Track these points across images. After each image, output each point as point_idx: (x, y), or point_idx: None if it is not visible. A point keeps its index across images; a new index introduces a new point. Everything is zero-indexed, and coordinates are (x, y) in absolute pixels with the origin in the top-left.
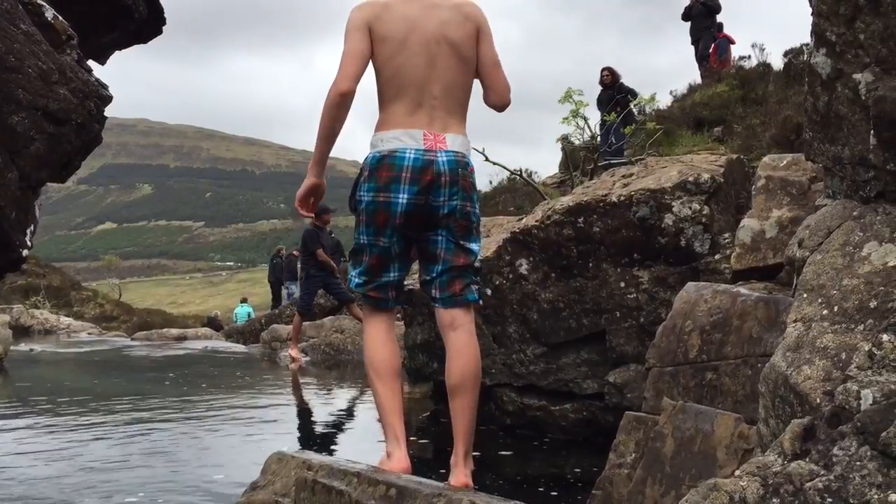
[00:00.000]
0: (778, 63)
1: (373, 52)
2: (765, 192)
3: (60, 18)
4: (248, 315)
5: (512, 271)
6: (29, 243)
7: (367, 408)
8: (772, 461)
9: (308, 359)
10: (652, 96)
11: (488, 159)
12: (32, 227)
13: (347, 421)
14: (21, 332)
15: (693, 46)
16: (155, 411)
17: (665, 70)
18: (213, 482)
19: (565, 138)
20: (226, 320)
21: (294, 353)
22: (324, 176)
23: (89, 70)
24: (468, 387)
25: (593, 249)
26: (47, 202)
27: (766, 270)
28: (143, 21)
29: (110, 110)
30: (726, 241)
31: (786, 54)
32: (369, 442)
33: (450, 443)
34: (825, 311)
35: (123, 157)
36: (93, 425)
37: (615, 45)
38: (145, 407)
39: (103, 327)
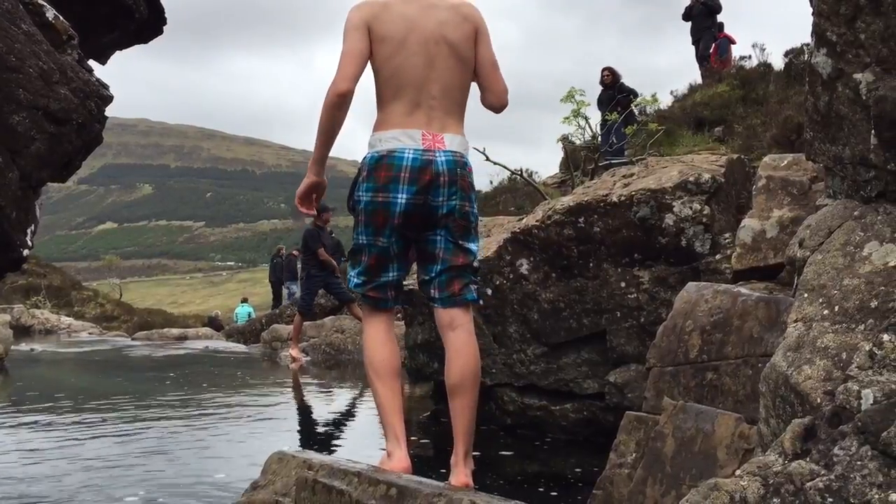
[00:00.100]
0: (779, 63)
1: (371, 52)
2: (765, 192)
3: (61, 18)
4: (249, 315)
5: (512, 271)
6: (29, 243)
7: (367, 407)
8: (772, 461)
9: (309, 358)
10: (654, 97)
11: (489, 159)
12: (33, 226)
13: (348, 421)
14: (22, 331)
15: (694, 46)
16: (155, 411)
17: (665, 70)
18: (214, 481)
19: (566, 138)
20: (226, 320)
21: (295, 352)
22: (324, 175)
23: (90, 70)
24: (468, 387)
25: (594, 249)
26: (48, 202)
27: (767, 270)
28: (144, 21)
29: (111, 110)
30: (727, 241)
31: (786, 54)
32: (370, 442)
33: (450, 442)
34: (826, 311)
35: (124, 157)
36: (93, 424)
37: (615, 45)
38: (146, 406)
39: (104, 327)
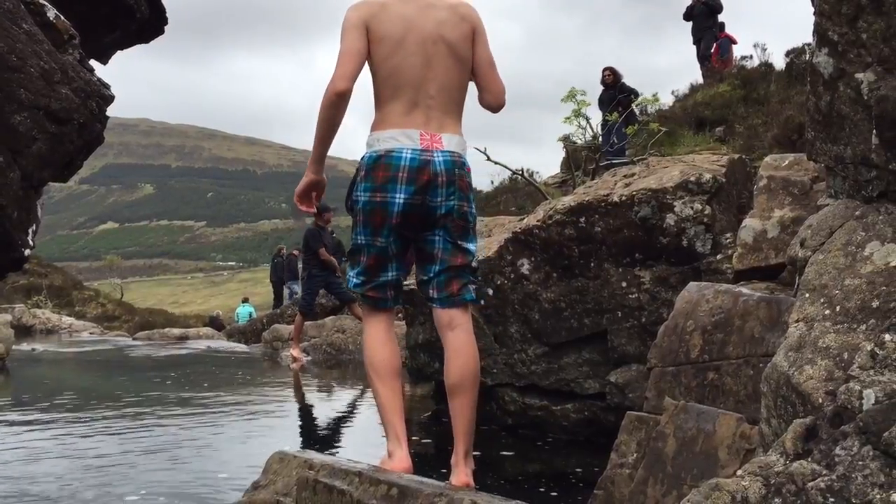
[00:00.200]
0: (780, 63)
1: (369, 52)
2: (767, 192)
3: (62, 18)
4: (250, 315)
5: (513, 271)
6: (31, 243)
7: (368, 407)
8: (774, 461)
9: (309, 358)
10: (655, 96)
11: (490, 159)
12: (34, 226)
13: (349, 420)
14: (23, 331)
15: (695, 46)
16: (156, 410)
17: (666, 70)
18: (215, 481)
19: (567, 138)
20: (227, 320)
21: (296, 352)
22: (323, 173)
23: (91, 70)
24: (467, 386)
25: (595, 249)
26: (49, 202)
27: (768, 270)
28: (145, 21)
29: (112, 110)
30: (728, 241)
31: (788, 54)
32: (371, 441)
33: (451, 442)
34: (827, 311)
35: (125, 157)
36: (94, 424)
37: (616, 45)
38: (147, 406)
39: (105, 327)
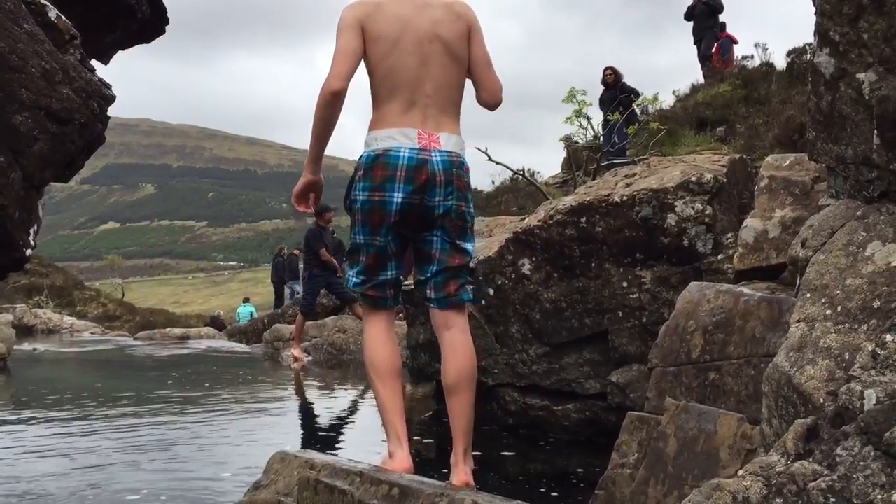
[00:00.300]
0: (781, 63)
1: (366, 52)
2: (768, 192)
3: (63, 18)
4: (251, 315)
5: (514, 271)
6: (32, 243)
7: (369, 407)
8: (775, 461)
9: (311, 358)
10: (655, 96)
11: (491, 159)
12: (36, 226)
13: (350, 420)
14: (24, 331)
15: (695, 46)
16: (158, 410)
17: (667, 70)
18: (216, 481)
19: (568, 138)
20: (228, 320)
21: (297, 352)
22: (320, 173)
23: (92, 70)
24: (464, 385)
25: (596, 249)
26: (50, 202)
27: (769, 270)
28: (146, 21)
29: (113, 110)
30: (729, 241)
31: (789, 54)
32: (372, 441)
33: (452, 442)
34: (828, 311)
35: (126, 157)
36: (95, 424)
37: (616, 44)
38: (148, 406)
39: (106, 327)
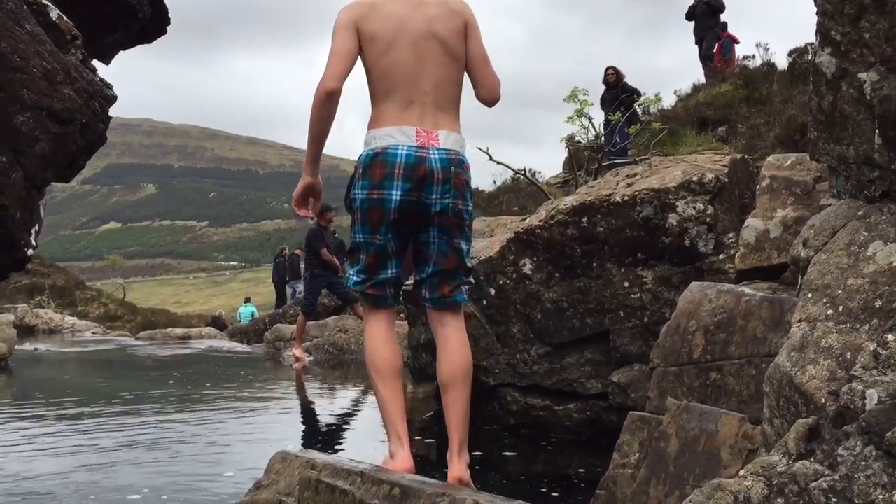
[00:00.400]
0: (782, 62)
1: (362, 52)
2: (769, 192)
3: (65, 18)
4: (252, 315)
5: (516, 271)
6: (34, 243)
7: (370, 407)
8: (776, 461)
9: (312, 358)
10: (657, 96)
11: (492, 158)
12: (37, 226)
13: (351, 420)
14: (25, 331)
15: (697, 46)
16: (159, 410)
17: (668, 69)
18: (217, 481)
19: (570, 138)
20: (230, 320)
21: (298, 352)
22: (318, 175)
23: (94, 70)
24: (458, 383)
25: (597, 249)
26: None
27: (771, 270)
28: (147, 21)
29: (114, 110)
30: (730, 240)
31: (790, 53)
32: (373, 441)
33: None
34: (830, 311)
35: (128, 157)
36: (97, 423)
37: (618, 44)
38: (149, 405)
39: (107, 327)
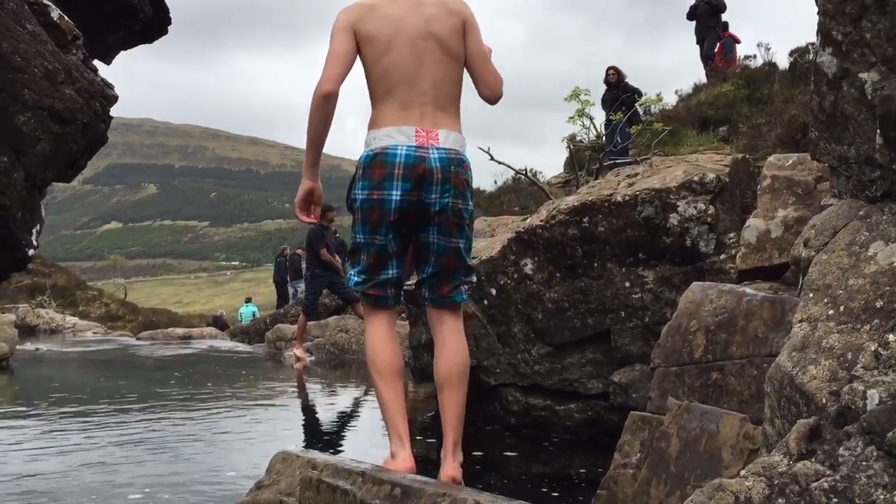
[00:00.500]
0: (783, 62)
1: (361, 54)
2: (770, 192)
3: (66, 18)
4: (253, 314)
5: (517, 271)
6: (35, 243)
7: (371, 407)
8: (777, 461)
9: (313, 358)
10: (658, 96)
11: (493, 158)
12: (38, 226)
13: (352, 420)
14: (27, 331)
15: (698, 46)
16: (160, 409)
17: (669, 69)
18: (218, 481)
19: (572, 138)
20: (231, 320)
21: (299, 352)
22: (318, 178)
23: (95, 70)
24: (455, 380)
25: (598, 249)
26: (53, 202)
27: (772, 270)
28: (149, 21)
29: (116, 110)
30: (731, 240)
31: (791, 53)
32: (374, 441)
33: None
34: (831, 311)
35: (129, 157)
36: (98, 423)
37: (619, 44)
38: (150, 405)
39: (109, 327)
